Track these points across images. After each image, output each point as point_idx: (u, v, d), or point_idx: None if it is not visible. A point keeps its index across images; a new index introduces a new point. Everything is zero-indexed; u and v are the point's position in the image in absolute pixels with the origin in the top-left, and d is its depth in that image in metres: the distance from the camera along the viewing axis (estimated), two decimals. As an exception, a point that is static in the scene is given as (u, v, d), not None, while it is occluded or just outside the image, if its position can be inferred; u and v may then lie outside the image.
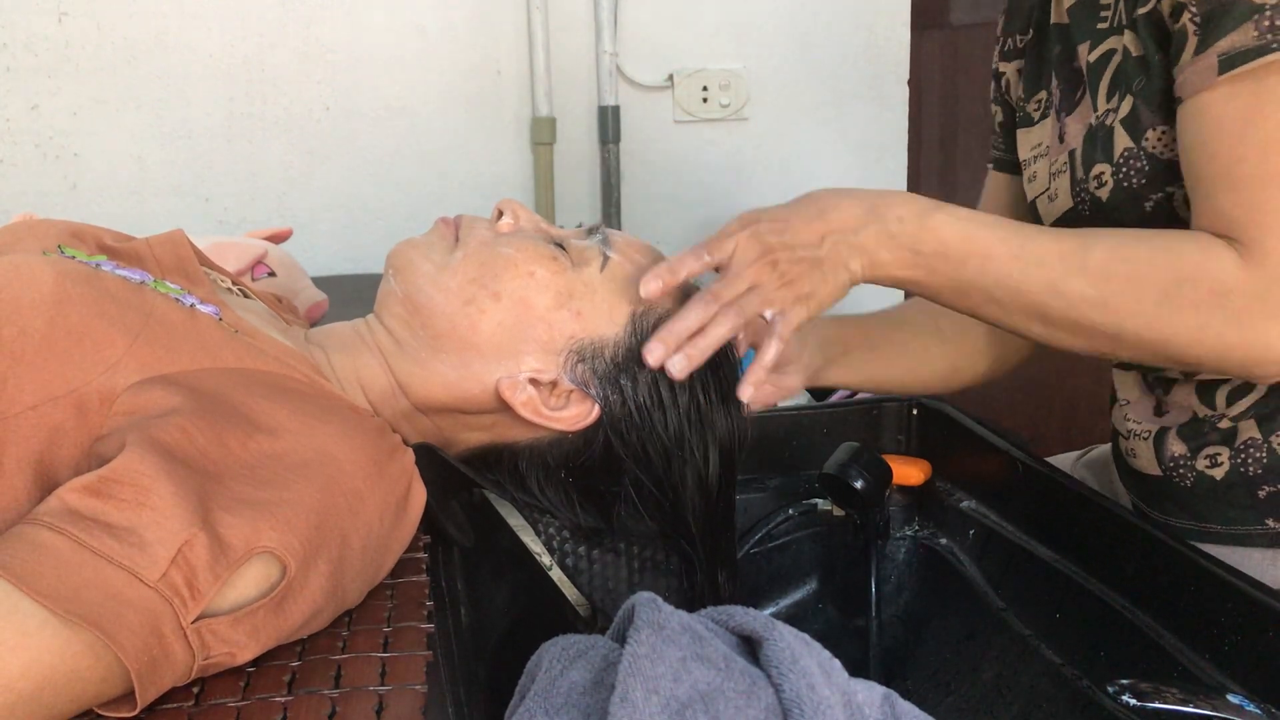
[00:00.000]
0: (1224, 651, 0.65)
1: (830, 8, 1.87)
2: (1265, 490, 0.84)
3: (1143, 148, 0.82)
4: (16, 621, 0.47)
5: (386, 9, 1.70)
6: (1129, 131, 0.83)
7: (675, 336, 0.71)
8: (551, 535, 0.83)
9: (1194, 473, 0.87)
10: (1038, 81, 1.00)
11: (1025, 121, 1.01)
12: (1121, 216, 0.84)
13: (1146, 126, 0.81)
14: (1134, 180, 0.83)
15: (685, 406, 0.75)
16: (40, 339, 0.59)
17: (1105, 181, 0.85)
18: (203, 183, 1.68)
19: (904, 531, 0.95)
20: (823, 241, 0.74)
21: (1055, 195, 0.93)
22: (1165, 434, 0.89)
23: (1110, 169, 0.84)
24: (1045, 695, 0.75)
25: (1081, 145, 0.88)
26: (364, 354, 0.75)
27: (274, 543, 0.54)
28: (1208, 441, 0.87)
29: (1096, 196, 0.86)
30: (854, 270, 0.75)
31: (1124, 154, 0.83)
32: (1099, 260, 0.73)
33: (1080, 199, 0.88)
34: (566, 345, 0.73)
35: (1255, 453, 0.84)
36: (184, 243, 0.78)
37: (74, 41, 1.59)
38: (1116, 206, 0.84)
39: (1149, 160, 0.81)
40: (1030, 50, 1.02)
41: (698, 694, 0.46)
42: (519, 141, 1.80)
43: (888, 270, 0.76)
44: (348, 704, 0.52)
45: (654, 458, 0.75)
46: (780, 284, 0.73)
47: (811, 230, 0.75)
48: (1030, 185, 0.99)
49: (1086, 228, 0.77)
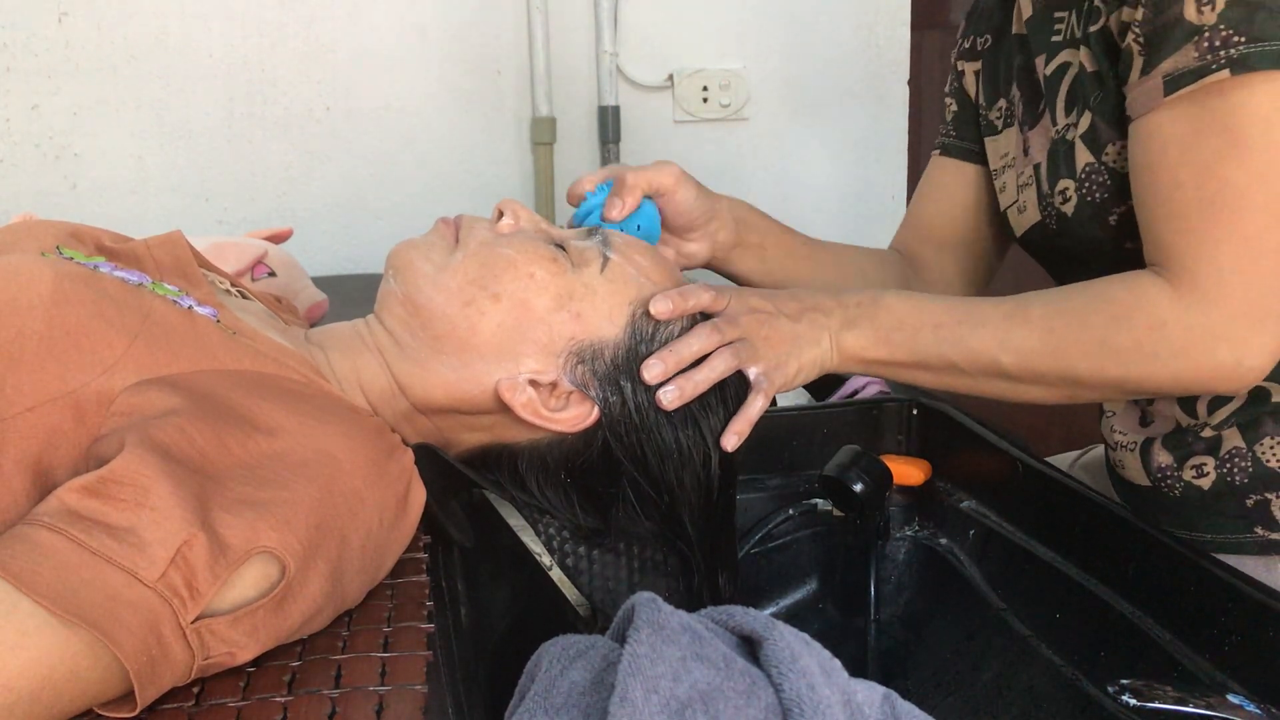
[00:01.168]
0: (1224, 651, 0.65)
1: (830, 8, 1.87)
2: (1253, 499, 0.84)
3: (1103, 162, 0.82)
4: (16, 621, 0.47)
5: (386, 9, 1.70)
6: (1089, 147, 0.83)
7: (677, 358, 0.74)
8: (551, 535, 0.83)
9: (1181, 483, 0.87)
10: (996, 89, 1.01)
11: (989, 130, 1.02)
12: (1086, 230, 0.85)
13: (1106, 142, 0.82)
14: (1097, 195, 0.83)
15: (685, 408, 0.75)
16: (38, 340, 0.59)
17: (1070, 196, 0.86)
18: (203, 183, 1.68)
19: (904, 532, 0.95)
20: (801, 316, 0.79)
21: (1024, 208, 0.94)
22: (1151, 444, 0.89)
23: (1074, 184, 0.85)
24: (1045, 695, 0.75)
25: (1046, 160, 0.89)
26: (363, 354, 0.75)
27: (273, 543, 0.54)
28: (1193, 451, 0.87)
29: (1062, 211, 0.87)
30: (824, 348, 0.79)
31: (1085, 169, 0.84)
32: (1039, 314, 0.77)
33: (1047, 213, 0.90)
34: (566, 346, 0.73)
35: (1240, 462, 0.84)
36: (182, 244, 0.78)
37: (74, 41, 1.59)
38: (1082, 221, 0.85)
39: (1110, 175, 0.82)
40: (989, 56, 1.03)
41: (698, 694, 0.46)
42: (519, 141, 1.80)
43: (855, 351, 0.80)
44: (348, 704, 0.52)
45: (651, 459, 0.75)
46: (766, 342, 0.77)
47: (791, 305, 0.80)
48: (1001, 195, 0.99)
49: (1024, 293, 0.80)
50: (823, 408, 1.03)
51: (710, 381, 0.74)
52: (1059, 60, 0.89)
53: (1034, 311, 0.78)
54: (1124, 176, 0.81)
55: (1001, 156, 1.00)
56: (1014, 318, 0.78)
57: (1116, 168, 0.82)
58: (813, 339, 0.79)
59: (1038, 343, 0.76)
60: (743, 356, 0.75)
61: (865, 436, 0.96)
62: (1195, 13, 0.71)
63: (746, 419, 0.75)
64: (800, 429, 0.98)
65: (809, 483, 0.95)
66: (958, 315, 0.79)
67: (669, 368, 0.73)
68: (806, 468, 0.96)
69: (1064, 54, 0.88)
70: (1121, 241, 0.84)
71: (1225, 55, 0.70)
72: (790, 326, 0.78)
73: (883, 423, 0.98)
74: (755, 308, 0.78)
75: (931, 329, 0.79)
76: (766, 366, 0.76)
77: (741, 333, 0.76)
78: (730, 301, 0.78)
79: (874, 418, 0.98)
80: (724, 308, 0.77)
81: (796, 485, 0.96)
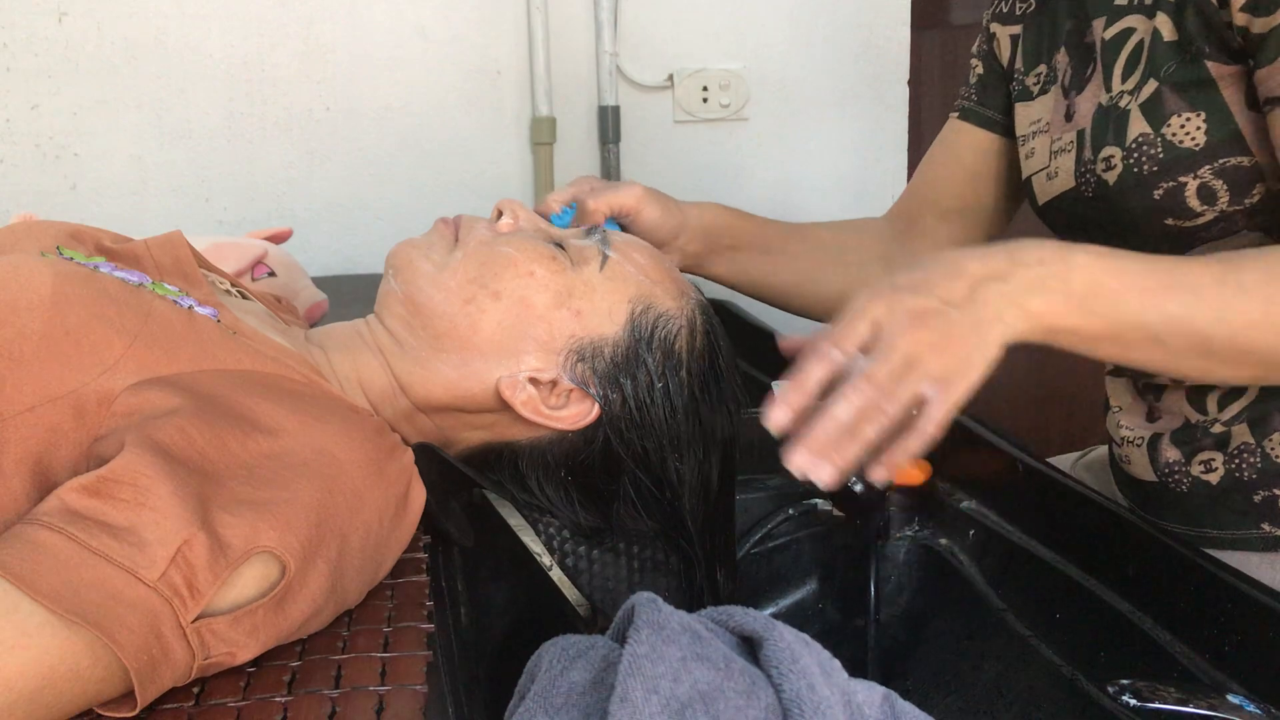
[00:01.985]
0: (1224, 651, 0.65)
1: (830, 8, 1.87)
2: (1260, 495, 0.84)
3: (1161, 134, 0.80)
4: (16, 621, 0.47)
5: (386, 9, 1.70)
6: (1148, 117, 0.80)
7: (827, 441, 0.60)
8: (551, 535, 0.83)
9: (1189, 478, 0.87)
10: (1038, 55, 0.97)
11: (1023, 95, 0.98)
12: (1126, 201, 0.83)
13: (1171, 113, 0.79)
14: (1145, 167, 0.81)
15: (685, 406, 0.75)
16: (38, 340, 0.59)
17: (1114, 165, 0.83)
18: (203, 183, 1.68)
19: (904, 532, 0.95)
20: (973, 294, 0.64)
21: (1055, 174, 0.91)
22: (1159, 440, 0.89)
23: (1121, 153, 0.82)
24: (1045, 695, 0.75)
25: (1091, 125, 0.86)
26: (364, 354, 0.75)
27: (273, 542, 0.54)
28: (1201, 446, 0.86)
29: (1103, 179, 0.84)
30: (1008, 323, 0.65)
31: (1138, 139, 0.81)
32: (1256, 281, 0.67)
33: (1084, 180, 0.86)
34: (566, 344, 0.73)
35: (1249, 458, 0.84)
36: (182, 244, 0.78)
37: (74, 41, 1.59)
38: (1123, 191, 0.83)
39: (1165, 148, 0.80)
40: (1032, 19, 0.99)
41: (698, 694, 0.46)
42: (519, 141, 1.80)
43: (1042, 319, 0.66)
44: (348, 704, 0.52)
45: (652, 457, 0.75)
46: (936, 352, 0.62)
47: (956, 285, 0.65)
48: (1028, 161, 0.96)
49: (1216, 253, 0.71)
50: (823, 408, 1.03)
51: (870, 444, 0.61)
52: (1122, 24, 0.85)
53: (1247, 278, 0.67)
54: (1182, 152, 0.78)
55: (1033, 123, 0.95)
56: (1226, 284, 0.67)
57: (1176, 142, 0.78)
58: (994, 316, 0.64)
59: (1258, 314, 0.66)
60: (906, 392, 0.61)
61: (865, 436, 0.96)
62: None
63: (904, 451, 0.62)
64: (800, 429, 0.97)
65: (809, 483, 0.95)
66: (1163, 279, 0.67)
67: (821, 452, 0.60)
68: (806, 468, 0.96)
69: (1130, 19, 0.84)
70: (1162, 217, 0.80)
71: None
72: (964, 316, 0.63)
73: (883, 423, 0.98)
74: (915, 311, 0.63)
75: (1138, 294, 0.67)
76: (944, 375, 0.62)
77: (904, 356, 0.61)
78: (882, 320, 0.62)
79: (874, 418, 0.98)
80: (863, 342, 0.62)
81: (796, 485, 0.96)
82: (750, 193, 1.91)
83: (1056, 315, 0.66)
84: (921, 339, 0.62)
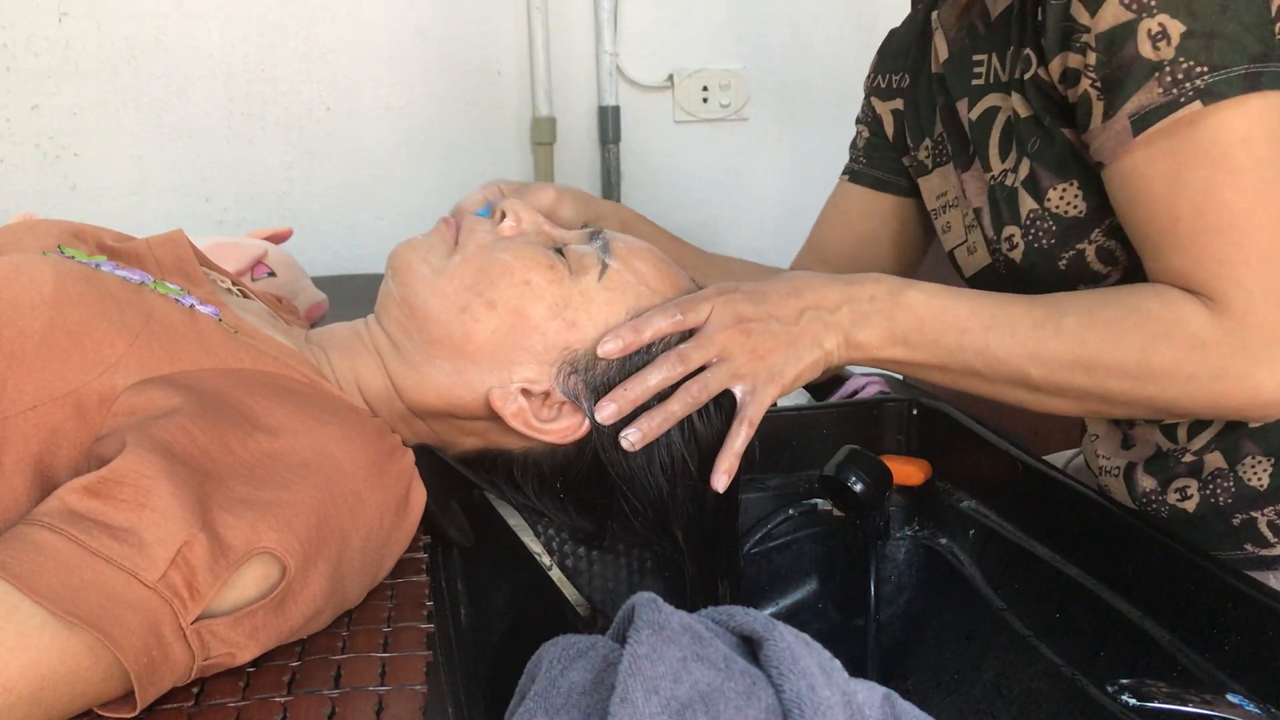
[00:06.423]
0: (1224, 651, 0.65)
1: (830, 8, 1.87)
2: (1239, 518, 0.84)
3: (1046, 208, 0.82)
4: (16, 622, 0.47)
5: (386, 9, 1.70)
6: (1031, 193, 0.82)
7: (632, 397, 0.70)
8: (551, 536, 0.83)
9: (1166, 507, 0.87)
10: (920, 129, 0.99)
11: (920, 170, 1.00)
12: (1037, 275, 0.84)
13: (1047, 187, 0.81)
14: (1043, 241, 0.83)
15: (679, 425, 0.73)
16: (40, 339, 0.59)
17: (1017, 243, 0.85)
18: (203, 183, 1.69)
19: (904, 532, 0.95)
20: (799, 317, 0.74)
21: (974, 249, 0.93)
22: (1134, 469, 0.89)
23: (1020, 230, 0.84)
24: (1045, 695, 0.75)
25: (987, 206, 0.88)
26: (362, 355, 0.75)
27: (274, 543, 0.54)
28: (1175, 475, 0.86)
29: (1010, 258, 0.86)
30: (828, 349, 0.75)
31: (1030, 215, 0.83)
32: (1072, 324, 0.73)
33: (996, 258, 0.88)
34: (560, 356, 0.72)
35: (1223, 483, 0.84)
36: (184, 243, 0.78)
37: (74, 41, 1.59)
38: (1031, 266, 0.84)
39: (1054, 220, 0.81)
40: (908, 93, 1.01)
41: (698, 694, 0.46)
42: (519, 141, 1.80)
43: (865, 350, 0.75)
44: (348, 704, 0.52)
45: (639, 475, 0.73)
46: (751, 356, 0.72)
47: (788, 305, 0.74)
48: (945, 236, 0.98)
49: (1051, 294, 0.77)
50: (823, 408, 1.03)
51: (675, 419, 0.71)
52: (984, 105, 0.87)
53: (1067, 321, 0.73)
54: (1069, 221, 0.81)
55: (939, 196, 0.98)
56: (1045, 327, 0.73)
57: (1060, 212, 0.81)
58: (813, 341, 0.74)
59: (1070, 356, 0.73)
60: (720, 379, 0.71)
61: (865, 436, 0.96)
62: (1151, 49, 0.70)
63: (732, 454, 0.72)
64: (800, 429, 0.98)
65: (809, 483, 0.95)
66: (984, 319, 0.74)
67: (622, 408, 0.70)
68: (806, 468, 0.96)
69: (989, 98, 0.87)
70: (1073, 284, 0.83)
71: (1192, 87, 0.69)
72: (785, 331, 0.73)
73: (883, 423, 0.98)
74: (742, 316, 0.72)
75: (956, 334, 0.75)
76: (754, 382, 0.72)
77: (718, 351, 0.71)
78: (711, 314, 0.73)
79: (874, 418, 0.98)
80: (701, 320, 0.72)
81: (796, 485, 0.96)
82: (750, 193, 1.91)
83: (878, 347, 0.75)
84: (738, 340, 0.72)
